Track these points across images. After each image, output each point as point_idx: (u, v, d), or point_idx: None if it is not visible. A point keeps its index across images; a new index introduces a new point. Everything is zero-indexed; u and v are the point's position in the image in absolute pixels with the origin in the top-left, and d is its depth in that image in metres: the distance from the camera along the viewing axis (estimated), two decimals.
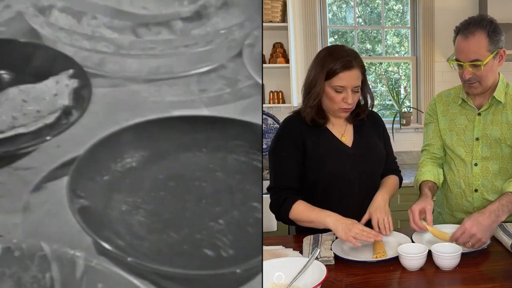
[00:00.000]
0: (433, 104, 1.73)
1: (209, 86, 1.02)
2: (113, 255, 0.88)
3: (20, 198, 0.95)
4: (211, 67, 1.04)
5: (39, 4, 1.14)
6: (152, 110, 1.01)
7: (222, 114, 0.98)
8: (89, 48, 1.08)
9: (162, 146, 0.97)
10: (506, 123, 1.58)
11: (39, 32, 1.12)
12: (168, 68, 1.04)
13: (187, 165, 0.96)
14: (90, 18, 1.11)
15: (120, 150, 0.96)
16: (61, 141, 1.00)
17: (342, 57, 1.44)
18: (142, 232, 0.91)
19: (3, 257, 0.86)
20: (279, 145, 1.54)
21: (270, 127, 3.43)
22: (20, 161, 0.98)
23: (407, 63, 3.64)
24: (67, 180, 0.93)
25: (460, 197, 1.66)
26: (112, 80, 1.06)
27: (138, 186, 0.94)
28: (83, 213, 0.91)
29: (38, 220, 0.93)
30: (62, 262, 0.87)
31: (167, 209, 0.93)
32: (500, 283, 1.19)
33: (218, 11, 1.04)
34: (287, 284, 1.11)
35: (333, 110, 1.51)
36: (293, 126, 1.54)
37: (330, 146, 1.53)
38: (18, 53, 1.11)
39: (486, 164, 1.60)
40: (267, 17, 3.15)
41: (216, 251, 0.91)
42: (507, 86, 1.61)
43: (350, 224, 1.36)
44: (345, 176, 1.53)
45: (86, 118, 1.01)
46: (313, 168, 1.51)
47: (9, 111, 1.03)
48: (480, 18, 1.50)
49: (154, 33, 1.04)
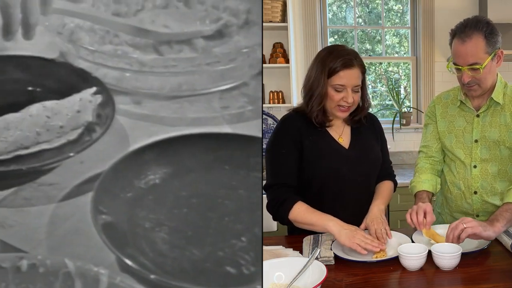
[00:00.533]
0: (432, 106, 1.72)
1: (231, 103, 1.03)
2: (136, 272, 0.88)
3: (44, 214, 0.95)
4: (233, 84, 1.05)
5: (62, 22, 1.16)
6: (174, 127, 1.02)
7: (244, 131, 0.98)
8: (111, 66, 1.09)
9: (185, 163, 0.98)
10: (505, 125, 1.56)
11: (62, 49, 1.14)
12: (190, 86, 1.05)
13: (210, 183, 0.97)
14: (112, 36, 1.12)
15: (144, 167, 0.97)
16: (85, 157, 1.01)
17: (342, 56, 1.44)
18: (165, 249, 0.92)
19: (28, 273, 0.87)
20: (278, 143, 1.53)
21: (270, 127, 3.43)
22: (44, 176, 0.99)
23: (407, 63, 3.64)
24: (91, 197, 0.94)
25: (459, 198, 1.66)
26: (135, 97, 1.08)
27: (161, 203, 0.95)
28: (106, 230, 0.91)
29: (62, 236, 0.93)
30: (86, 279, 0.87)
31: (190, 226, 0.93)
32: (500, 283, 1.18)
33: (239, 30, 1.06)
34: (287, 284, 1.11)
35: (331, 108, 1.50)
36: (291, 124, 1.53)
37: (327, 146, 1.53)
38: (42, 70, 1.13)
39: (485, 166, 1.59)
40: (267, 17, 3.15)
41: (238, 268, 0.92)
42: (506, 86, 1.60)
43: (353, 231, 1.36)
44: (341, 177, 1.52)
45: (109, 134, 1.02)
46: (309, 167, 1.51)
47: (33, 127, 1.04)
48: (476, 20, 1.48)
49: (176, 51, 1.06)
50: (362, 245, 1.32)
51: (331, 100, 1.47)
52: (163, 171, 0.98)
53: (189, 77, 1.04)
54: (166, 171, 0.98)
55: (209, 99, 1.04)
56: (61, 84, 1.11)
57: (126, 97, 1.08)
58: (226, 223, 0.93)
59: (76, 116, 1.06)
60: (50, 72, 1.12)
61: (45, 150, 1.02)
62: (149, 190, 0.97)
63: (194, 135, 0.98)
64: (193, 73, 1.04)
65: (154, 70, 1.06)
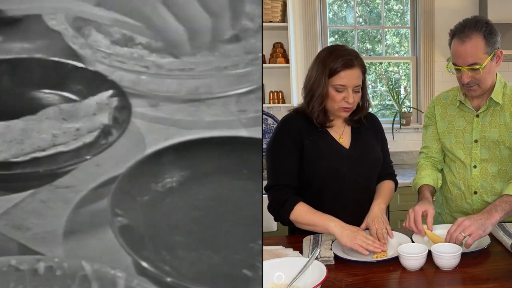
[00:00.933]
0: (431, 107, 1.73)
1: (248, 107, 1.03)
2: (153, 275, 0.87)
3: (61, 216, 0.95)
4: (250, 88, 1.05)
5: (78, 25, 1.17)
6: (191, 130, 1.02)
7: (260, 135, 0.98)
8: (128, 69, 1.10)
9: (202, 166, 0.97)
10: (504, 125, 1.56)
11: (78, 52, 1.14)
12: (207, 89, 1.05)
13: (227, 186, 0.96)
14: (129, 39, 1.13)
15: (161, 170, 0.97)
16: (101, 160, 1.01)
17: (343, 56, 1.44)
18: (182, 253, 0.91)
19: (45, 276, 0.87)
20: (278, 143, 1.53)
21: (270, 127, 3.43)
22: (61, 179, 0.99)
23: (407, 63, 3.65)
24: (107, 199, 0.94)
25: (459, 199, 1.66)
26: (151, 100, 1.08)
27: (178, 206, 0.95)
28: (123, 233, 0.91)
29: (79, 239, 0.93)
30: (103, 282, 0.87)
31: (207, 230, 0.93)
32: (500, 283, 1.18)
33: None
34: (287, 284, 1.11)
35: (333, 109, 1.51)
36: (292, 125, 1.54)
37: (328, 146, 1.53)
38: (58, 72, 1.13)
39: (485, 166, 1.59)
40: (267, 17, 3.16)
41: (256, 271, 0.91)
42: (505, 86, 1.60)
43: (355, 232, 1.36)
44: (341, 177, 1.52)
45: (126, 137, 1.02)
46: (310, 167, 1.51)
47: (50, 129, 1.04)
48: (475, 20, 1.48)
49: (193, 54, 1.06)
50: (363, 245, 1.32)
51: (333, 100, 1.47)
52: (180, 174, 0.97)
53: (206, 80, 1.05)
54: (183, 174, 0.97)
55: (226, 102, 1.04)
56: (78, 86, 1.11)
57: (143, 100, 1.08)
58: (243, 227, 0.93)
59: (92, 118, 1.07)
60: (65, 75, 1.13)
61: (62, 152, 1.02)
62: (166, 193, 0.97)
63: (211, 138, 0.98)
64: (210, 76, 1.04)
65: (170, 73, 1.06)
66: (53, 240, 0.92)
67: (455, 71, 1.54)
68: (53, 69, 1.12)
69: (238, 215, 0.94)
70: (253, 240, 0.92)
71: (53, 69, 1.13)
